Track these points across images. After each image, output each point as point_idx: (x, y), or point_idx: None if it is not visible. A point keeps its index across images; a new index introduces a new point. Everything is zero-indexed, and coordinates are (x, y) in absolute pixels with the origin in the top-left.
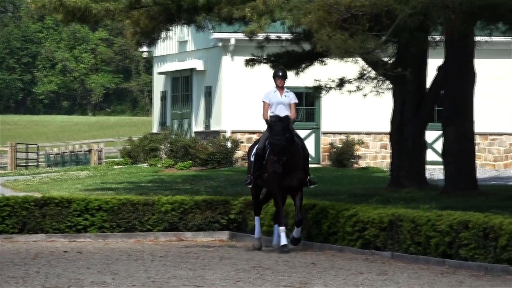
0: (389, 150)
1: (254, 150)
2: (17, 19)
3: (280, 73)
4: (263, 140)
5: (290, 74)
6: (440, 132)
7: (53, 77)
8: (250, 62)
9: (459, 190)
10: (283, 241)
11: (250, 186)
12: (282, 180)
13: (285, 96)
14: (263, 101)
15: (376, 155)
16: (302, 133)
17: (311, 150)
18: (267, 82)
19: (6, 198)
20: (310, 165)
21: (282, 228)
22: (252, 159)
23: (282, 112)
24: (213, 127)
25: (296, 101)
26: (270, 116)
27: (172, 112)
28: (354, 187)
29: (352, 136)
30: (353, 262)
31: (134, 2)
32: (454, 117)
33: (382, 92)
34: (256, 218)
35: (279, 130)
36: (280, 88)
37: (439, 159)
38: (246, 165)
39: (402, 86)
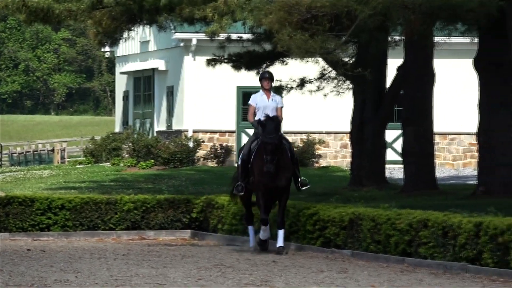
0: (349, 149)
1: (240, 156)
2: None
3: (267, 75)
4: (248, 145)
5: (252, 74)
6: (399, 132)
7: (16, 77)
8: (211, 62)
9: (419, 189)
10: (263, 236)
11: (242, 194)
12: (271, 181)
13: (272, 100)
14: (249, 104)
15: (336, 155)
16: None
17: None
18: (229, 81)
19: None
20: None
21: (266, 227)
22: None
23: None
24: (175, 127)
25: (283, 105)
26: (263, 117)
27: (134, 111)
28: (314, 186)
29: (313, 135)
30: (313, 260)
31: (96, 3)
32: (413, 117)
33: (343, 92)
34: (250, 227)
35: (272, 128)
36: (267, 90)
37: (399, 158)
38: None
39: (362, 86)
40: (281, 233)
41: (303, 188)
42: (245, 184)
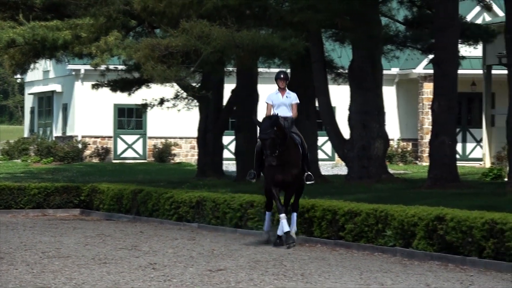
0: (196, 150)
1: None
2: None
3: (282, 75)
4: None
5: (124, 95)
6: (233, 137)
7: None
8: (95, 86)
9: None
10: (286, 228)
11: (254, 180)
12: (276, 175)
13: (287, 97)
14: (266, 102)
15: (187, 154)
16: (132, 138)
17: (139, 151)
18: (108, 100)
19: None
20: (139, 161)
21: (283, 215)
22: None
23: (284, 112)
24: (68, 133)
25: (297, 101)
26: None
27: (38, 122)
28: (171, 177)
29: (169, 139)
30: (170, 231)
31: (10, 42)
32: (243, 126)
33: (192, 108)
34: (267, 213)
35: (267, 125)
36: (282, 89)
37: (233, 156)
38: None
39: (206, 103)
40: (282, 222)
41: (307, 183)
42: (258, 173)
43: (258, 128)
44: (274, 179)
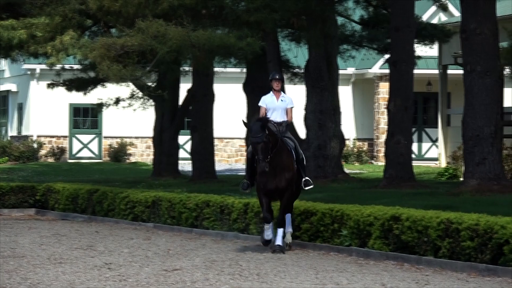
0: (152, 149)
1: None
2: None
3: (277, 76)
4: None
5: (80, 94)
6: (189, 137)
7: None
8: (50, 85)
9: (203, 179)
10: (268, 236)
11: (247, 191)
12: (269, 182)
13: (282, 100)
14: (260, 105)
15: (142, 153)
16: (88, 138)
17: (95, 150)
18: (63, 99)
19: None
20: (94, 161)
21: (268, 225)
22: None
23: (279, 117)
24: (24, 133)
25: (293, 105)
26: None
27: None
28: (126, 177)
29: (125, 139)
30: (126, 231)
31: None
32: (199, 126)
33: (147, 107)
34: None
35: (258, 128)
36: (277, 91)
37: (188, 156)
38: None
39: (162, 103)
40: (280, 232)
41: (306, 188)
42: (252, 182)
43: (250, 132)
44: (266, 186)
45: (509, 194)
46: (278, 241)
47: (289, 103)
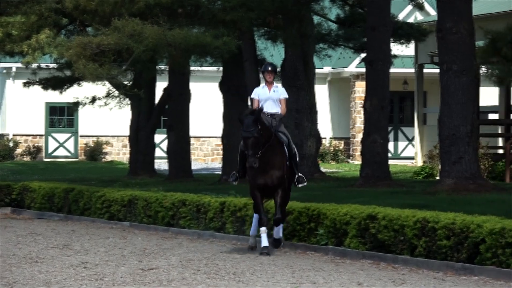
0: (128, 148)
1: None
2: None
3: (270, 68)
4: None
5: (56, 93)
6: (165, 136)
7: None
8: (26, 84)
9: (179, 178)
10: (264, 242)
11: (235, 183)
12: (259, 178)
13: (274, 91)
14: (252, 98)
15: (119, 152)
16: (64, 136)
17: (71, 149)
18: (40, 98)
19: None
20: (70, 160)
21: (263, 229)
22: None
23: (271, 108)
24: (0, 131)
25: (286, 96)
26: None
27: None
28: (102, 175)
29: (101, 138)
30: (102, 230)
31: None
32: (175, 125)
33: (123, 106)
34: (255, 215)
35: (250, 122)
36: (269, 83)
37: (165, 155)
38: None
39: (138, 102)
40: (276, 228)
41: (299, 185)
42: (241, 175)
43: (241, 124)
44: (256, 182)
45: (485, 193)
46: (277, 235)
47: (282, 93)
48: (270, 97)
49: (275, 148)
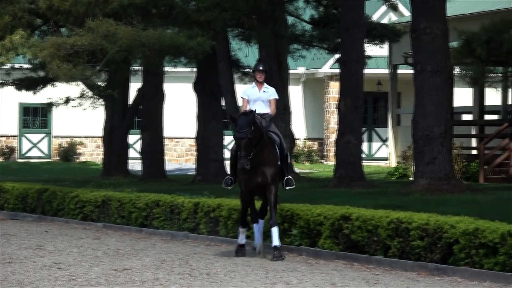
0: (102, 149)
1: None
2: None
3: (260, 67)
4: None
5: (29, 94)
6: (139, 136)
7: None
8: (0, 85)
9: (153, 178)
10: (240, 240)
11: (230, 188)
12: (251, 179)
13: (264, 91)
14: (241, 97)
15: (92, 153)
16: (37, 137)
17: (45, 150)
18: (13, 99)
19: None
20: (44, 160)
21: (243, 229)
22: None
23: (261, 109)
24: None
25: (277, 97)
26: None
27: None
28: (76, 176)
29: (75, 138)
30: (76, 231)
31: None
32: (149, 125)
33: (97, 107)
34: (255, 225)
35: (243, 123)
36: (260, 83)
37: (138, 156)
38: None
39: (112, 102)
40: (274, 230)
41: (287, 188)
42: (235, 179)
43: (234, 125)
44: (248, 183)
45: (459, 194)
46: (275, 242)
47: (272, 94)
48: (260, 97)
49: (267, 147)
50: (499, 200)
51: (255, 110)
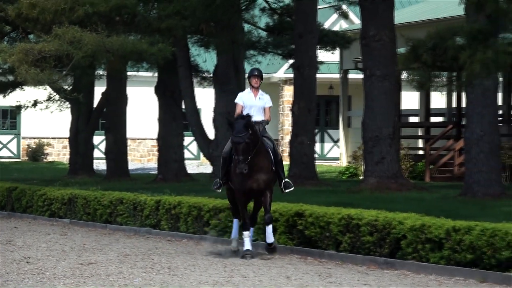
0: (68, 149)
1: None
2: None
3: (256, 73)
4: (229, 143)
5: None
6: (103, 137)
7: None
8: None
9: (116, 177)
10: (247, 246)
11: (219, 191)
12: (246, 183)
13: (259, 99)
14: (236, 102)
15: (59, 153)
16: (7, 138)
17: (14, 150)
18: None
19: None
20: (13, 160)
21: (247, 233)
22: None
23: (255, 115)
24: None
25: (271, 104)
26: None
27: None
28: (44, 175)
29: (43, 139)
30: (43, 227)
31: None
32: (113, 127)
33: (64, 109)
34: (235, 220)
35: (241, 127)
36: (255, 89)
37: (103, 156)
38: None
39: (77, 105)
40: (269, 228)
41: (286, 191)
42: (224, 181)
43: (231, 129)
44: (243, 187)
45: (406, 192)
46: (270, 239)
47: (267, 102)
48: (255, 104)
49: (262, 153)
50: (444, 198)
51: (252, 115)
